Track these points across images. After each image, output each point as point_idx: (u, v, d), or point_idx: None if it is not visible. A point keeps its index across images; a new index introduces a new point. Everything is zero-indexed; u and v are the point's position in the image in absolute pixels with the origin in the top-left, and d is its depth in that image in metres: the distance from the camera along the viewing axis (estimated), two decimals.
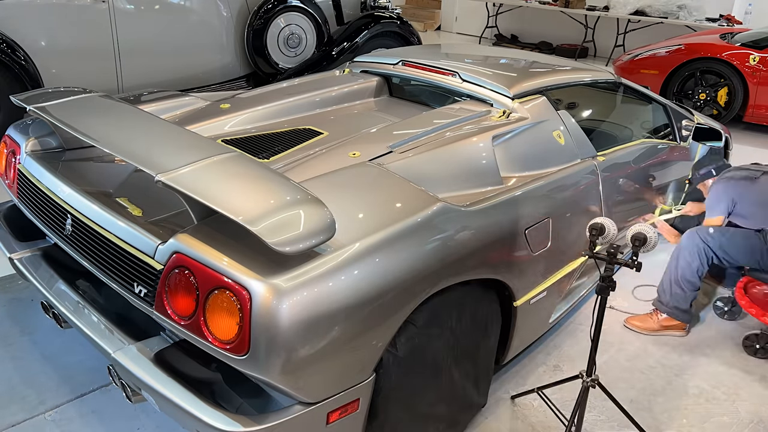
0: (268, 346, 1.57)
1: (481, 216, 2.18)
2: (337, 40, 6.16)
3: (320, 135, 2.54)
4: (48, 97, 2.35)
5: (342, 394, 1.77)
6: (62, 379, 2.55)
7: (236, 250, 1.66)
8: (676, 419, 2.57)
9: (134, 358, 1.84)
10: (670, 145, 3.57)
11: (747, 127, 6.62)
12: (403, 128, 2.53)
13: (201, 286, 1.65)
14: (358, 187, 2.08)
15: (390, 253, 1.81)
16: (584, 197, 2.77)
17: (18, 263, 2.35)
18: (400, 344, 1.89)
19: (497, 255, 2.20)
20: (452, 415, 2.27)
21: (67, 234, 2.09)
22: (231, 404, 1.81)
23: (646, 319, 3.16)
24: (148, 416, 2.39)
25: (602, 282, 2.10)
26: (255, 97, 2.94)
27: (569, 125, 2.85)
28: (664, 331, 3.12)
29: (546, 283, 2.53)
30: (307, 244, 1.58)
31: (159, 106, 2.77)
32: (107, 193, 2.13)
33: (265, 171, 1.84)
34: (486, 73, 2.98)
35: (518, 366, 2.80)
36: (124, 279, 1.87)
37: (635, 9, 9.19)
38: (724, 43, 6.56)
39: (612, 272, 2.10)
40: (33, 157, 2.34)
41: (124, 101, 2.39)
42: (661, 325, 3.11)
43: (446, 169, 2.33)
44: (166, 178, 1.71)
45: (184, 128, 2.25)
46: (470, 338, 2.19)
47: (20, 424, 2.33)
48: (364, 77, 3.24)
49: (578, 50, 9.94)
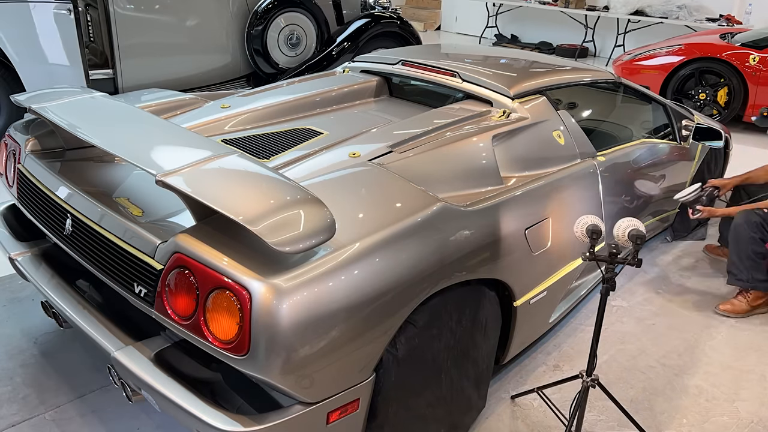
0: (268, 346, 1.57)
1: (481, 216, 2.19)
2: (338, 40, 6.16)
3: (320, 135, 2.54)
4: (48, 97, 2.35)
5: (342, 394, 1.77)
6: (62, 379, 2.55)
7: (236, 250, 1.66)
8: (676, 419, 2.58)
9: (134, 358, 1.84)
10: (670, 145, 3.57)
11: (747, 127, 6.62)
12: (403, 128, 2.53)
13: (201, 286, 1.65)
14: (358, 187, 2.08)
15: (390, 253, 1.81)
16: (584, 197, 2.77)
17: (18, 263, 2.35)
18: (400, 344, 1.89)
19: (497, 255, 2.20)
20: (452, 416, 2.27)
21: (67, 234, 2.09)
22: (231, 404, 1.82)
23: (734, 302, 3.30)
24: (149, 416, 2.39)
25: (605, 283, 2.11)
26: (255, 97, 2.94)
27: (569, 125, 2.85)
28: (756, 310, 3.28)
29: (546, 283, 2.53)
30: (307, 243, 1.58)
31: (159, 106, 2.77)
32: (107, 193, 2.13)
33: (265, 171, 1.84)
34: (486, 72, 2.98)
35: (518, 366, 2.80)
36: (124, 279, 1.87)
37: (635, 9, 9.19)
38: (724, 43, 6.56)
39: (614, 273, 2.10)
40: (33, 156, 2.34)
41: (123, 101, 2.39)
42: (751, 305, 3.26)
43: (446, 169, 2.33)
44: (167, 178, 1.71)
45: (184, 128, 2.25)
46: (470, 338, 2.19)
47: (20, 424, 2.33)
48: (364, 77, 3.25)
49: (578, 50, 9.94)
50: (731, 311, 3.28)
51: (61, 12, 4.56)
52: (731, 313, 3.28)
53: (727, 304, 3.31)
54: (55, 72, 4.68)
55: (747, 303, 3.27)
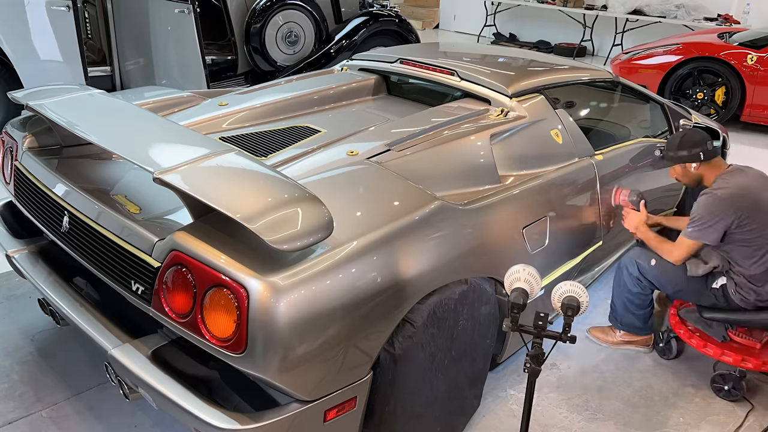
0: (265, 343, 1.57)
1: (479, 214, 2.19)
2: (336, 38, 6.16)
3: (318, 133, 2.53)
4: (46, 94, 2.34)
5: (339, 392, 1.77)
6: (59, 377, 2.55)
7: (234, 248, 1.66)
8: (673, 417, 2.58)
9: (131, 356, 1.84)
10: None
11: (744, 127, 6.63)
12: (401, 126, 2.53)
13: (198, 283, 1.64)
14: (356, 185, 2.08)
15: (387, 251, 1.81)
16: (582, 196, 2.77)
17: (15, 260, 2.34)
18: (397, 343, 1.89)
19: (495, 253, 2.20)
20: (449, 415, 2.27)
21: (64, 231, 2.09)
22: (228, 402, 1.81)
23: (608, 331, 3.00)
24: (146, 413, 2.39)
25: (531, 361, 1.74)
26: (253, 95, 2.93)
27: (567, 124, 2.85)
28: (626, 345, 2.95)
29: (543, 281, 2.52)
30: (305, 241, 1.58)
31: (157, 104, 2.76)
32: (105, 190, 2.13)
33: (263, 169, 1.83)
34: (484, 71, 2.98)
35: (514, 365, 2.80)
36: (121, 276, 1.86)
37: (633, 8, 9.18)
38: (722, 43, 6.57)
39: (541, 349, 1.77)
40: (30, 154, 2.33)
41: (121, 99, 2.39)
42: (623, 340, 2.95)
43: (444, 168, 2.33)
44: (164, 175, 1.71)
45: (182, 126, 2.24)
46: (467, 337, 2.19)
47: (17, 421, 2.33)
48: (363, 75, 3.24)
49: (576, 49, 9.94)
50: (602, 340, 2.99)
51: (60, 9, 4.54)
52: (602, 341, 2.98)
53: (599, 331, 3.01)
54: (53, 69, 4.66)
55: (618, 337, 2.95)
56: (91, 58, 5.24)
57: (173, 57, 4.95)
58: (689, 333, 2.76)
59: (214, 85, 5.62)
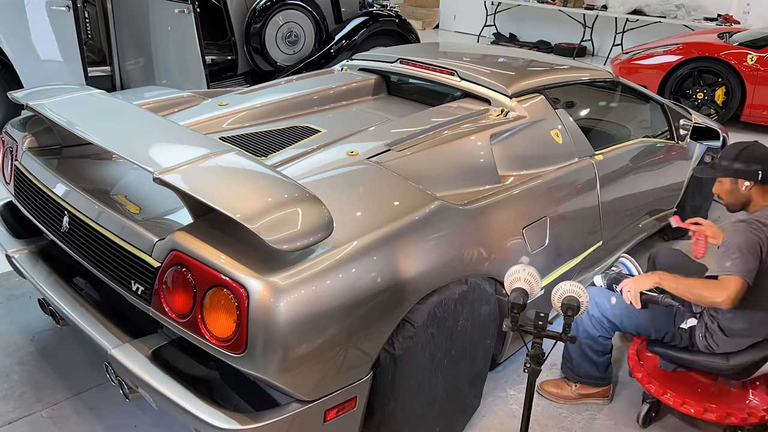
0: (265, 343, 1.57)
1: (479, 214, 2.19)
2: (336, 38, 6.16)
3: (318, 133, 2.53)
4: (46, 94, 2.34)
5: (339, 392, 1.77)
6: (59, 377, 2.55)
7: (234, 248, 1.66)
8: (673, 417, 2.58)
9: (131, 356, 1.84)
10: (667, 144, 3.57)
11: (744, 127, 6.63)
12: (401, 126, 2.53)
13: (198, 283, 1.64)
14: (356, 185, 2.08)
15: (387, 251, 1.81)
16: (582, 196, 2.77)
17: (15, 260, 2.34)
18: (397, 343, 1.89)
19: (495, 253, 2.20)
20: (449, 415, 2.27)
21: (64, 231, 2.09)
22: (228, 402, 1.81)
23: (562, 384, 2.63)
24: (146, 413, 2.39)
25: (531, 361, 1.74)
26: (253, 95, 2.93)
27: (567, 124, 2.85)
28: (584, 399, 2.60)
29: (543, 281, 2.52)
30: (305, 241, 1.58)
31: (157, 104, 2.76)
32: (105, 190, 2.13)
33: (263, 169, 1.83)
34: (484, 71, 2.97)
35: (514, 364, 2.80)
36: (121, 276, 1.86)
37: (633, 8, 9.19)
38: (722, 43, 6.56)
39: (541, 349, 1.77)
40: (30, 154, 2.33)
41: (121, 99, 2.39)
42: (579, 394, 2.59)
43: (444, 168, 2.33)
44: (164, 175, 1.71)
45: (182, 126, 2.24)
46: (467, 337, 2.19)
47: (16, 421, 2.33)
48: (363, 75, 3.24)
49: (576, 49, 9.94)
50: (557, 395, 2.61)
51: (60, 9, 4.54)
52: (557, 397, 2.61)
53: (552, 386, 2.64)
54: (53, 69, 4.66)
55: (574, 391, 2.59)
56: (91, 58, 5.23)
57: (173, 57, 4.95)
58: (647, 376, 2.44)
59: (214, 85, 5.61)
